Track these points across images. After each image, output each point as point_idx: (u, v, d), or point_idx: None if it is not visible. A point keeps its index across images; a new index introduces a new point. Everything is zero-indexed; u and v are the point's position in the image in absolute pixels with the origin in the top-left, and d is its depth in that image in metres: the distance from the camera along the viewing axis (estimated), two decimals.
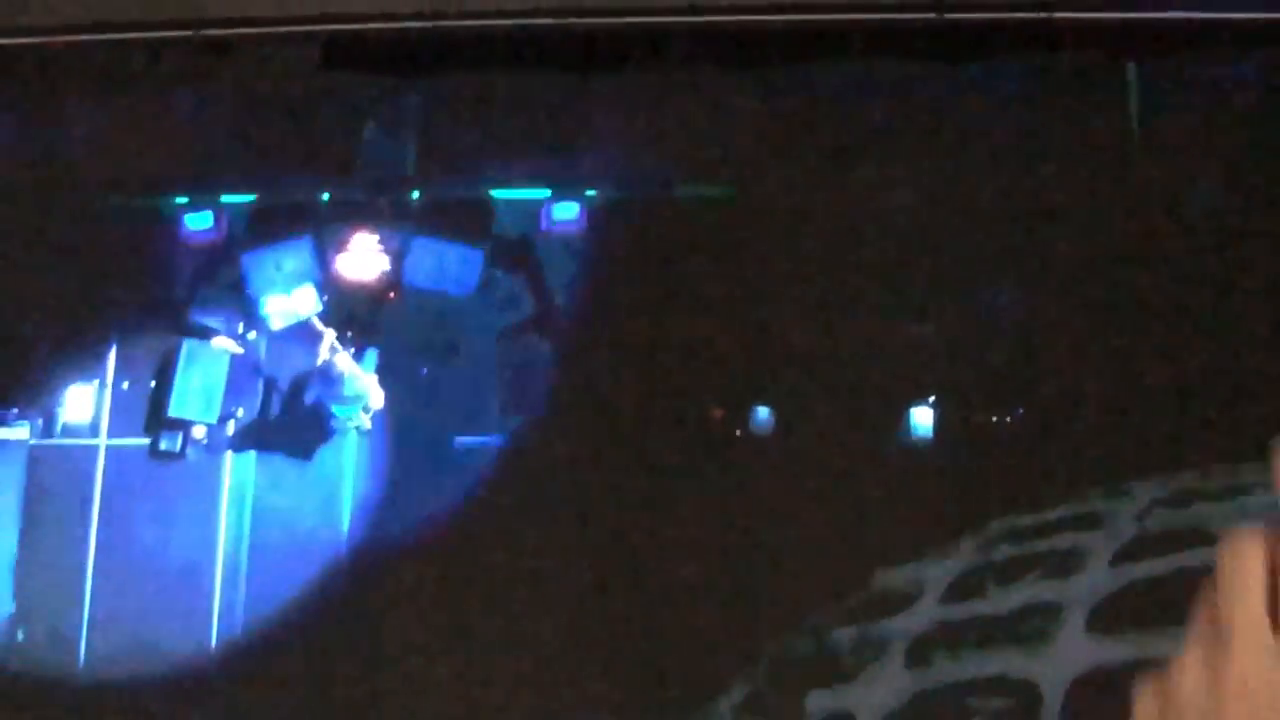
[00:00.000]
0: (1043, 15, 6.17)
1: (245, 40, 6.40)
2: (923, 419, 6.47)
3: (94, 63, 6.47)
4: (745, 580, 6.26)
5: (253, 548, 6.62)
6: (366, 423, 6.70)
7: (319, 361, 6.74)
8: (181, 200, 6.87)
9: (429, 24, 6.33)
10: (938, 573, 6.07)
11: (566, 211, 6.80)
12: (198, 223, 6.85)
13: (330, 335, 6.74)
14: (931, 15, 6.24)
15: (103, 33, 6.38)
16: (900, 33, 6.27)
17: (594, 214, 6.77)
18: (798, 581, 6.09)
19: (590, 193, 6.80)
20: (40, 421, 6.74)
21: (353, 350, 6.78)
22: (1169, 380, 6.18)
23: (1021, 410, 6.41)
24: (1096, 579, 5.88)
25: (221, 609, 6.55)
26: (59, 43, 6.42)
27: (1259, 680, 1.13)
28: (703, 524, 6.36)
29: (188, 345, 6.75)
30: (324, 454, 6.70)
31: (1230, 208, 6.31)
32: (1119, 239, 6.31)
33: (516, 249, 6.81)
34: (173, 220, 6.84)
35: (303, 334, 6.78)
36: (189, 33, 6.38)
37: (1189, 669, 1.14)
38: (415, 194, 6.89)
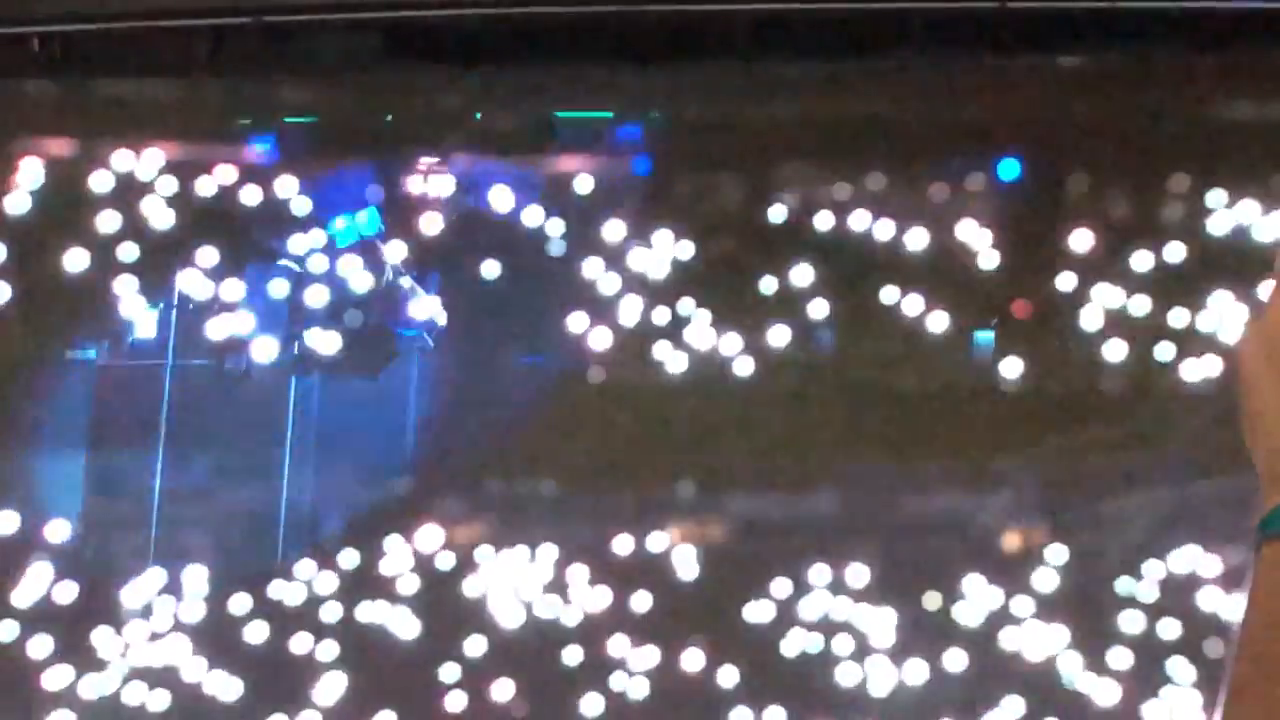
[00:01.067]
0: (1106, 4, 6.16)
1: (306, 27, 6.44)
2: None
3: (156, 48, 6.52)
4: None
5: (318, 468, 6.72)
6: (430, 343, 6.74)
7: (382, 282, 6.77)
8: (244, 121, 6.91)
9: (491, 10, 6.37)
10: None
11: (630, 133, 6.82)
12: (260, 143, 6.88)
13: (393, 256, 6.76)
14: (994, 5, 6.24)
15: (164, 19, 6.41)
16: (963, 21, 6.29)
17: (656, 135, 6.80)
18: None
19: (653, 114, 6.82)
20: (107, 343, 6.80)
21: (415, 272, 6.80)
22: None
23: None
24: None
25: (287, 529, 6.64)
26: (122, 29, 6.46)
27: None
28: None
29: (251, 267, 6.79)
30: (388, 375, 6.75)
31: None
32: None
33: (577, 170, 6.82)
34: (235, 140, 6.87)
35: (366, 255, 6.80)
36: (248, 19, 6.42)
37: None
38: (477, 115, 6.90)
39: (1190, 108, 6.43)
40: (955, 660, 6.20)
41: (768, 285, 6.58)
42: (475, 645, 6.38)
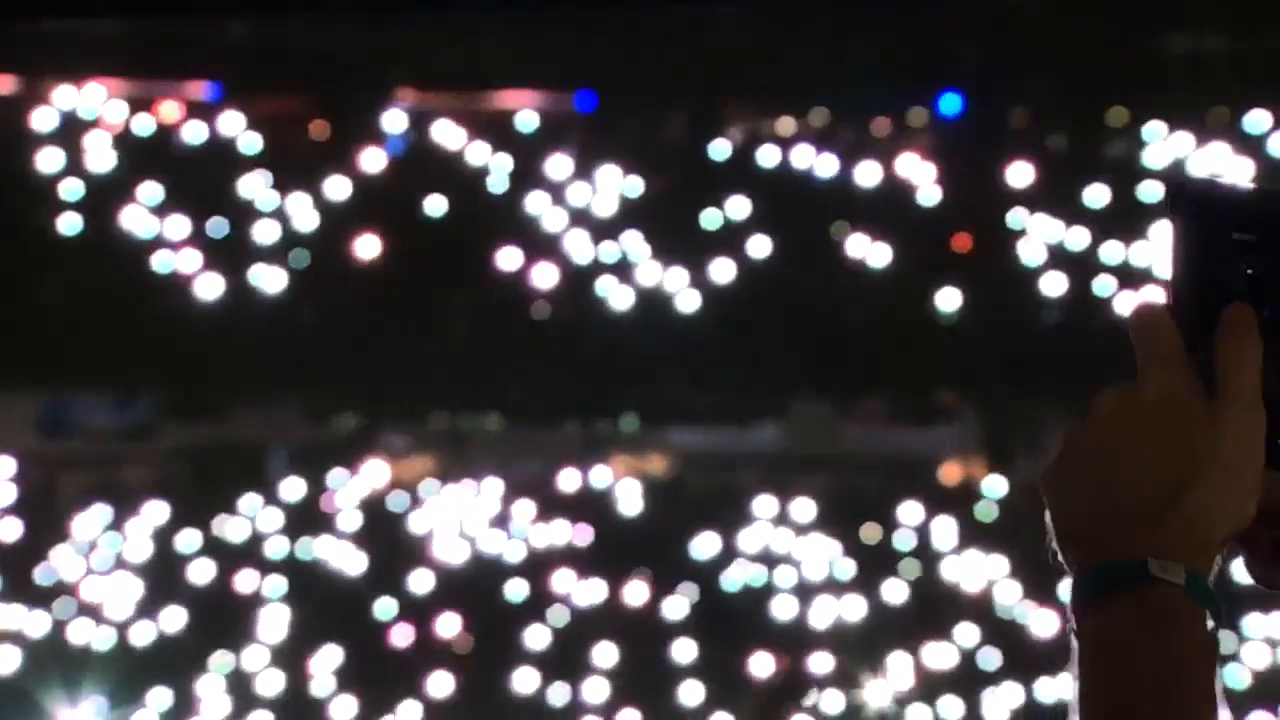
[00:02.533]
0: None
1: None
2: None
3: None
4: None
5: (263, 404, 6.76)
6: None
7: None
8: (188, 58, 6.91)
9: None
10: None
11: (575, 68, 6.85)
12: (205, 80, 6.89)
13: (335, 192, 6.77)
14: None
15: None
16: None
17: (601, 72, 6.83)
18: None
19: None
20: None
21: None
22: None
23: None
24: None
25: (232, 466, 6.69)
26: None
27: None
28: None
29: (197, 205, 6.80)
30: (333, 310, 6.78)
31: None
32: None
33: None
34: (180, 77, 6.87)
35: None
36: None
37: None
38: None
39: (1129, 40, 6.46)
40: (895, 593, 6.26)
41: (711, 221, 6.60)
42: (420, 580, 6.42)
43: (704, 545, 6.38)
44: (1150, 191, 6.33)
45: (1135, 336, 1.60)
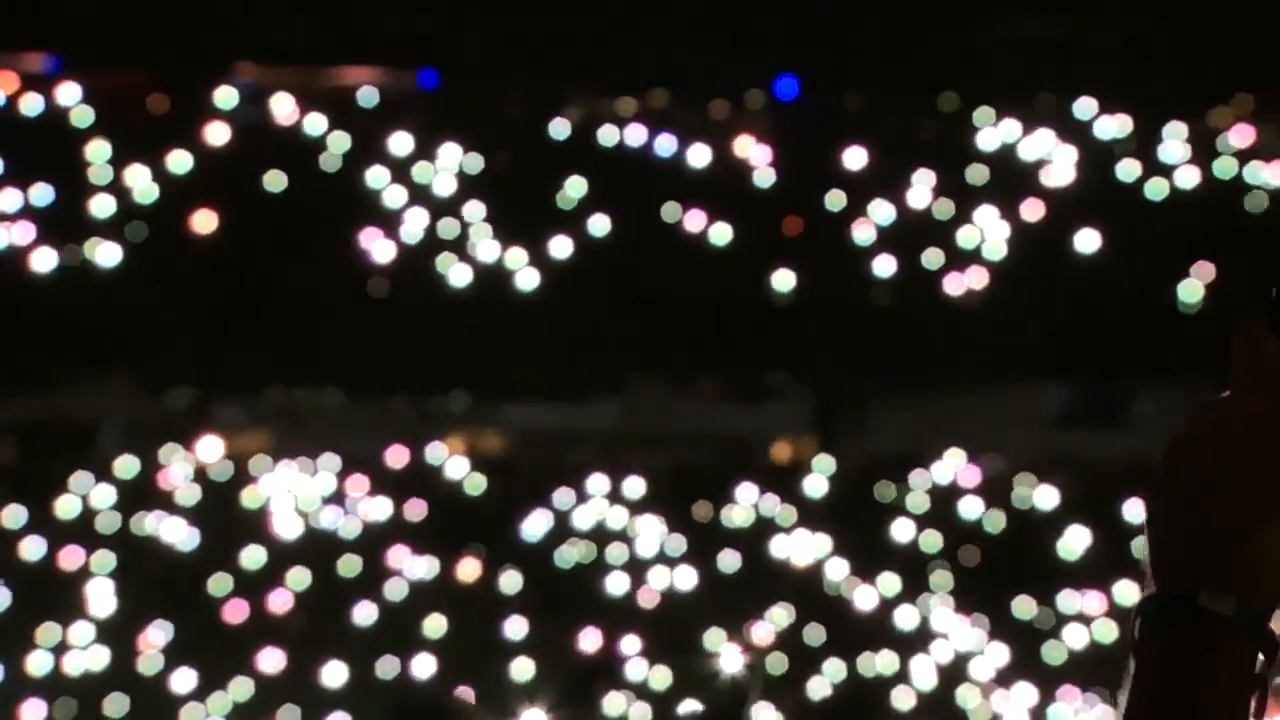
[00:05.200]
0: None
1: None
2: None
3: None
4: None
5: (98, 379, 6.71)
6: None
7: None
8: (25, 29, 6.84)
9: None
10: None
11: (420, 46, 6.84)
12: (43, 52, 6.82)
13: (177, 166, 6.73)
14: None
15: None
16: None
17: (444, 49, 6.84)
18: None
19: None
20: None
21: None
22: None
23: None
24: None
25: (64, 441, 6.64)
26: None
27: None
28: None
29: (33, 177, 6.74)
30: (172, 286, 6.74)
31: None
32: None
33: None
34: (16, 49, 6.81)
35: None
36: None
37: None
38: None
39: (960, 27, 6.55)
40: (725, 569, 6.33)
41: (551, 199, 6.64)
42: (253, 556, 6.42)
43: (537, 522, 6.42)
44: (979, 175, 6.43)
45: (1235, 351, 1.51)
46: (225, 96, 6.81)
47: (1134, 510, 6.30)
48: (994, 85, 6.44)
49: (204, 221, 6.79)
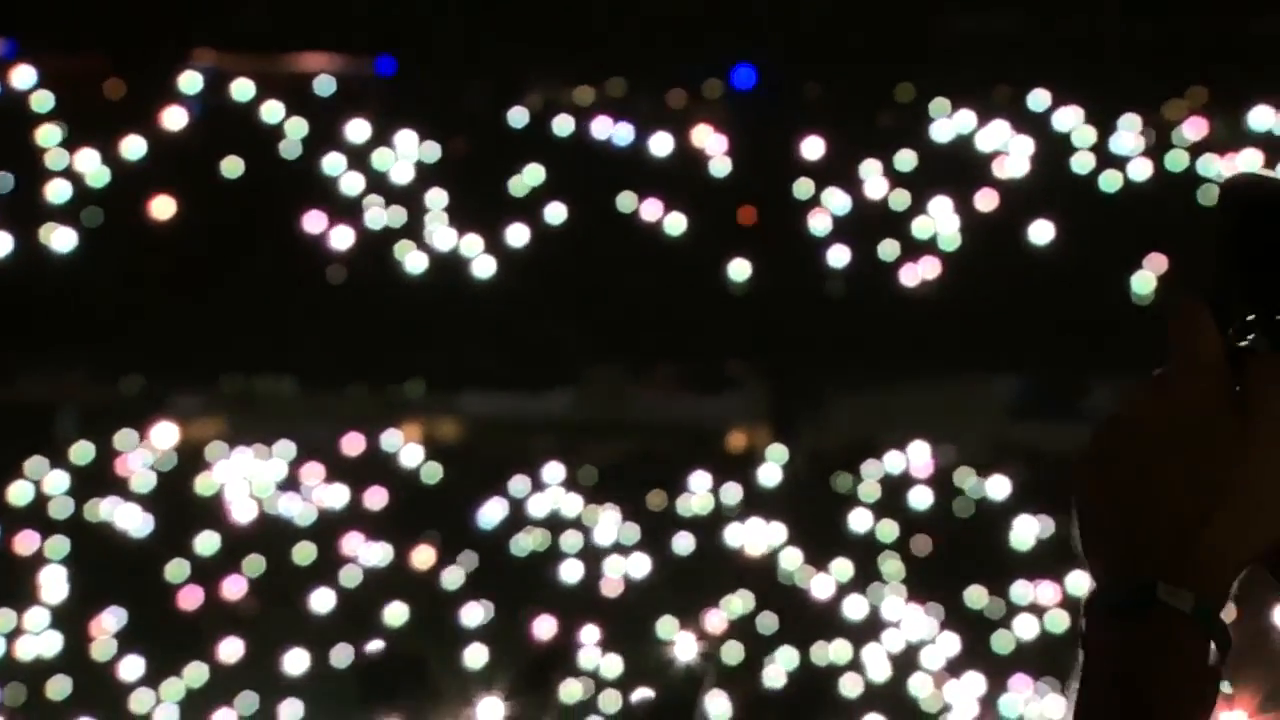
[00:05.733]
0: None
1: None
2: None
3: None
4: None
5: (55, 364, 6.69)
6: None
7: None
8: None
9: None
10: None
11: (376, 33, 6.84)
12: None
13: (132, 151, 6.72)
14: None
15: None
16: None
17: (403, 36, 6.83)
18: None
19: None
20: None
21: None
22: None
23: None
24: None
25: (18, 426, 6.63)
26: None
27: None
28: None
29: None
30: (126, 269, 6.74)
31: None
32: None
33: None
34: None
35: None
36: None
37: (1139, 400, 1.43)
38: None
39: (918, 18, 6.58)
40: (679, 557, 6.35)
41: (509, 187, 6.64)
42: (208, 543, 6.42)
43: (492, 510, 6.43)
44: (934, 166, 6.45)
45: (1173, 333, 1.46)
46: (183, 82, 6.80)
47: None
48: (950, 77, 6.47)
49: (161, 207, 6.78)
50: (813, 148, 6.56)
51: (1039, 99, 6.45)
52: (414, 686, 6.25)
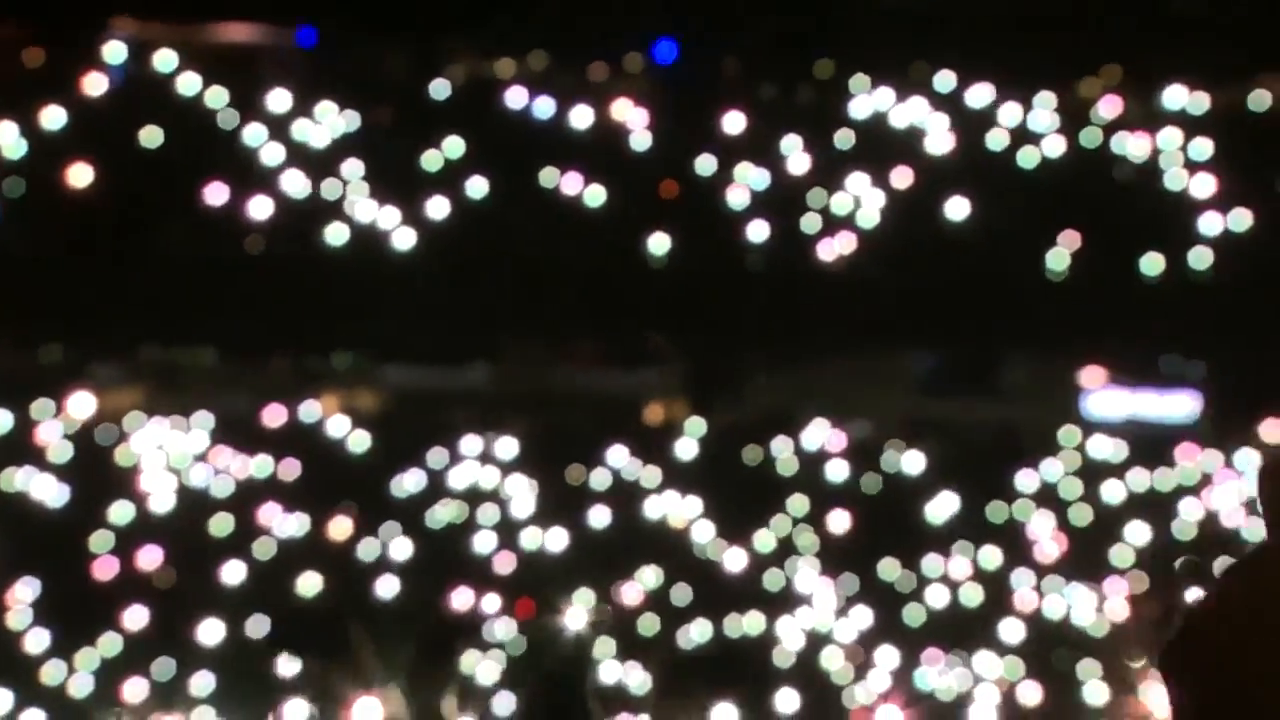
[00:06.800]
0: None
1: None
2: None
3: None
4: None
5: None
6: None
7: None
8: None
9: None
10: None
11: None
12: None
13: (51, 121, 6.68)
14: None
15: None
16: None
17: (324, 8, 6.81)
18: None
19: None
20: None
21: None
22: None
23: None
24: None
25: None
26: None
27: None
28: None
29: None
30: (42, 241, 6.70)
31: None
32: None
33: None
34: None
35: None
36: None
37: None
38: None
39: None
40: (596, 528, 6.37)
41: (430, 161, 6.64)
42: (123, 513, 6.40)
43: (410, 481, 6.44)
44: (852, 142, 6.48)
45: (1263, 495, 1.31)
46: (104, 51, 6.77)
47: (1000, 476, 6.41)
48: (869, 54, 6.49)
49: (80, 176, 6.75)
50: (733, 123, 6.58)
51: (956, 76, 6.48)
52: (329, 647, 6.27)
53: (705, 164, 6.57)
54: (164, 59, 6.74)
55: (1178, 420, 6.56)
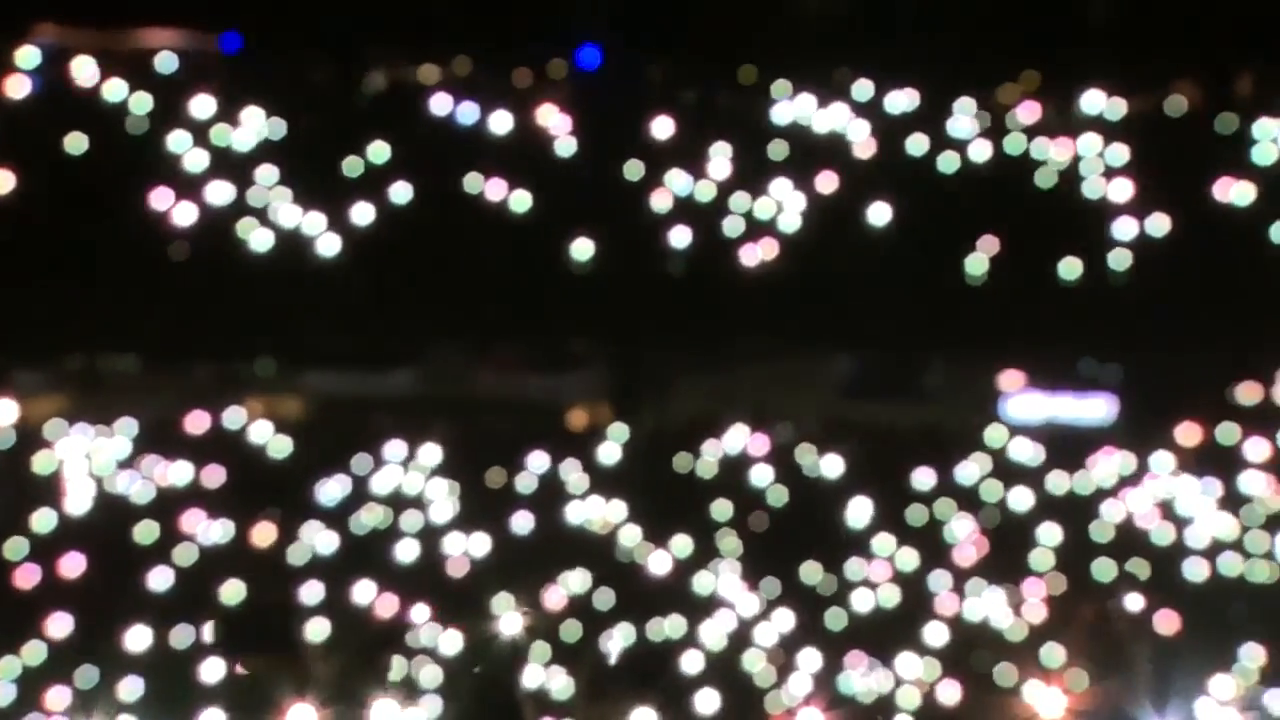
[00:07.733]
0: None
1: None
2: None
3: None
4: None
5: None
6: None
7: None
8: None
9: None
10: None
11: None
12: None
13: None
14: None
15: None
16: None
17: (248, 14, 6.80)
18: None
19: None
20: None
21: None
22: None
23: None
24: None
25: None
26: None
27: None
28: None
29: None
30: None
31: None
32: None
33: None
34: None
35: None
36: None
37: None
38: None
39: (762, 1, 6.64)
40: (520, 533, 6.39)
41: (354, 167, 6.64)
42: (45, 520, 6.38)
43: (334, 487, 6.44)
44: (775, 147, 6.52)
45: None
46: (21, 57, 6.74)
47: (920, 479, 6.45)
48: (792, 59, 6.53)
49: (1, 183, 6.72)
50: (657, 128, 6.61)
51: (878, 82, 6.52)
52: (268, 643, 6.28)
53: (628, 169, 6.60)
54: (85, 65, 6.72)
55: (1095, 423, 6.62)
